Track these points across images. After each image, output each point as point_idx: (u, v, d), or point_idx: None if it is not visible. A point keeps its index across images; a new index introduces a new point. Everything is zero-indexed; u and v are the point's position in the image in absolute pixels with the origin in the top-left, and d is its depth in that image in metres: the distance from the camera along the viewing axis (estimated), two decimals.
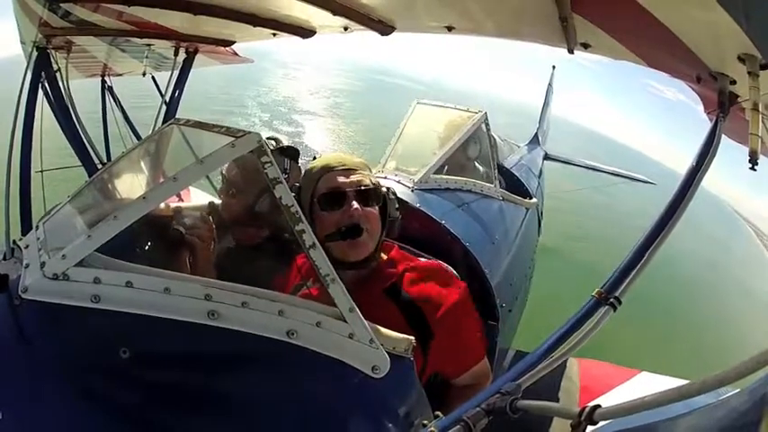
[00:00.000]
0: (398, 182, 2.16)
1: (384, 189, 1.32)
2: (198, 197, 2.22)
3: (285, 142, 1.78)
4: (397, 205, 1.33)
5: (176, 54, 2.97)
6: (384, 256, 1.32)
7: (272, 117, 16.74)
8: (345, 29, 1.85)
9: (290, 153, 1.71)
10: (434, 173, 2.32)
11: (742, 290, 11.17)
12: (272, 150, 1.67)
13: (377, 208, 1.27)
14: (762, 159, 1.06)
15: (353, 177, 1.25)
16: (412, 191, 2.15)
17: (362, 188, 1.24)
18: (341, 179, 1.24)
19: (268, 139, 1.73)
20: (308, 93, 23.43)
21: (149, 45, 2.74)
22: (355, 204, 1.21)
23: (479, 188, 2.45)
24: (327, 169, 1.26)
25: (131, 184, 1.39)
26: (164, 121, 2.99)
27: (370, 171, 1.34)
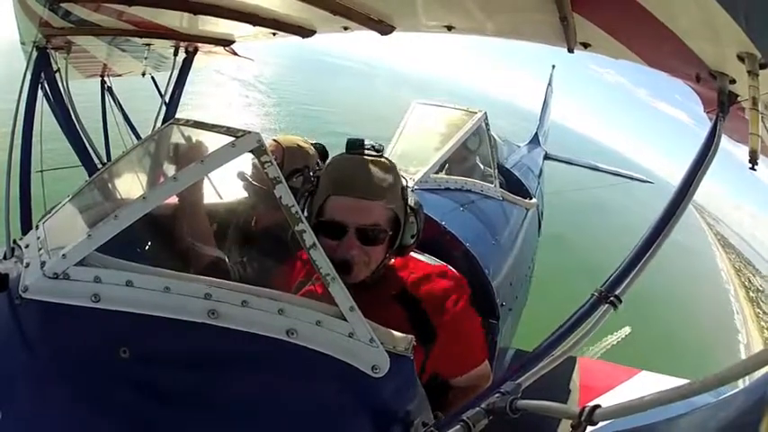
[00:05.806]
0: None
1: (412, 203, 1.19)
2: None
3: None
4: (416, 230, 1.19)
5: (176, 54, 2.97)
6: (392, 261, 1.25)
7: (288, 95, 19.42)
8: (345, 28, 1.85)
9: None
10: (434, 173, 2.32)
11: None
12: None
13: (385, 240, 1.14)
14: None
15: (362, 210, 1.10)
16: (412, 190, 2.15)
17: (366, 228, 1.10)
18: (346, 211, 1.09)
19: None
20: (290, 76, 25.74)
21: (149, 45, 2.74)
22: (354, 242, 1.09)
23: (479, 188, 2.45)
24: (337, 189, 1.11)
25: (131, 184, 1.39)
26: (163, 122, 2.98)
27: (399, 182, 1.20)
